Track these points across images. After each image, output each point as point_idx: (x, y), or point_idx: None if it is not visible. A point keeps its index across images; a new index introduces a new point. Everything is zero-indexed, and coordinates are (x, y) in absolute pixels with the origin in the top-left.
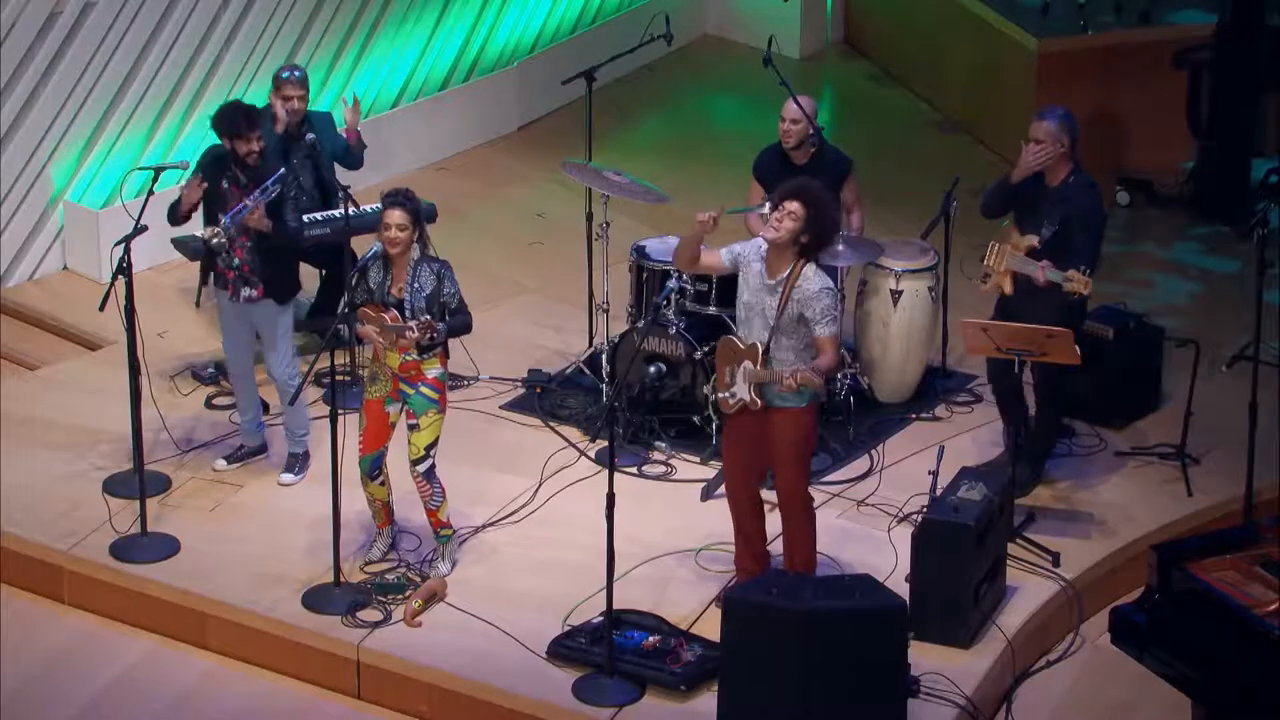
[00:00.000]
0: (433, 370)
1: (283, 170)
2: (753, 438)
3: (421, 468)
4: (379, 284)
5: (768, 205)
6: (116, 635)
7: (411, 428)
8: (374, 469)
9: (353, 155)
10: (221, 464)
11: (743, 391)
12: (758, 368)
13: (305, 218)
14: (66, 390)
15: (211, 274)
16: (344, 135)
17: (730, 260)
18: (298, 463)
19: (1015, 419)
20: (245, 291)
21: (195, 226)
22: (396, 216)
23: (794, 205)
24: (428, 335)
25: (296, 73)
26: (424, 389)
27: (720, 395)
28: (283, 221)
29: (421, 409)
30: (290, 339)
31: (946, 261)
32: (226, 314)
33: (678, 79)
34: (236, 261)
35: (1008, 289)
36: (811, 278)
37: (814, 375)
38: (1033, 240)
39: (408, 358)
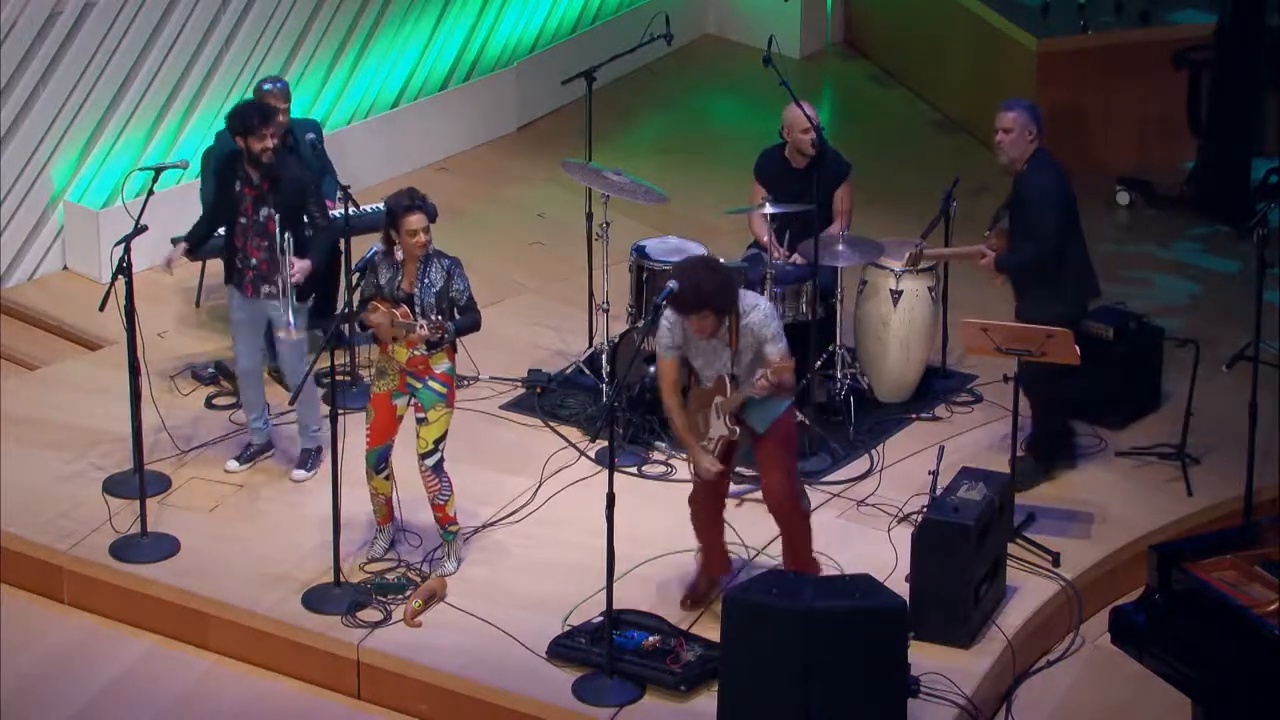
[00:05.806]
0: (441, 365)
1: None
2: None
3: (429, 461)
4: (388, 280)
5: (768, 205)
6: (116, 635)
7: (420, 421)
8: (380, 463)
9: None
10: (233, 465)
11: (719, 428)
12: (729, 395)
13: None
14: (66, 390)
15: (229, 272)
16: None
17: (678, 352)
18: (310, 458)
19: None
20: (265, 289)
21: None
22: (418, 220)
23: (705, 313)
24: (438, 334)
25: (279, 84)
26: (432, 383)
27: (702, 445)
28: (317, 244)
29: (430, 403)
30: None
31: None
32: (240, 313)
33: (678, 79)
34: (254, 261)
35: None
36: (747, 310)
37: (783, 370)
38: (991, 239)
39: (416, 353)
